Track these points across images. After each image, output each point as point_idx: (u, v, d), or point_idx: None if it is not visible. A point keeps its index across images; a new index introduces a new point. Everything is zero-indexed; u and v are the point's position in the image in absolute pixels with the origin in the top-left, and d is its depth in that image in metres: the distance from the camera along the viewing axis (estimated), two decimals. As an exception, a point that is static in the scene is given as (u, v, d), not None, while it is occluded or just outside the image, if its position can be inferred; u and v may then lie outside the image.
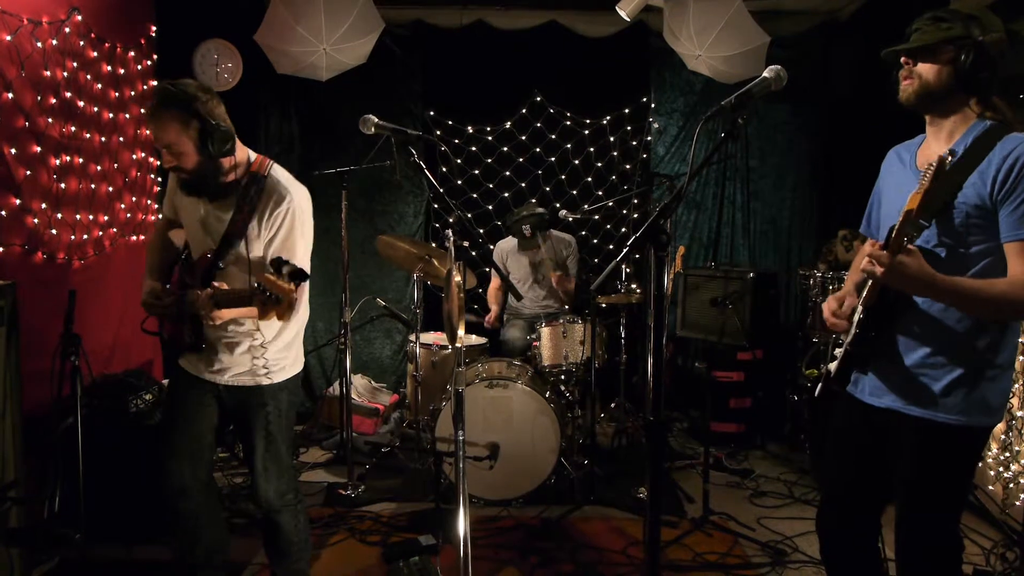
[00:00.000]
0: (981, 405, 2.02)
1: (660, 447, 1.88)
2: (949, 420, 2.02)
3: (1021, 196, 1.92)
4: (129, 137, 4.40)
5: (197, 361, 2.64)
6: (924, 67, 2.04)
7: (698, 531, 3.75)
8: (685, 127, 5.96)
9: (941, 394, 2.03)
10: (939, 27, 2.02)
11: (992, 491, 3.87)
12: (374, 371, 5.94)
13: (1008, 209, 1.93)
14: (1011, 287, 1.91)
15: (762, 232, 6.04)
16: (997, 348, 2.03)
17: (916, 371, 2.08)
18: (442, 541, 3.37)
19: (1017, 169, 1.92)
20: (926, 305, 2.06)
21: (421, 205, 5.94)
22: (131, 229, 4.46)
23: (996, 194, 1.95)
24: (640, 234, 1.83)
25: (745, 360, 5.07)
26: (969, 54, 1.98)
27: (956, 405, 2.02)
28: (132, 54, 4.43)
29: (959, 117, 2.08)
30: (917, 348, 2.08)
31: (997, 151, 1.96)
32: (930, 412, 2.05)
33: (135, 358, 4.51)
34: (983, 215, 1.97)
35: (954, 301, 1.97)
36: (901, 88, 2.09)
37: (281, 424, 2.67)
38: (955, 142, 2.06)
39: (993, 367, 2.02)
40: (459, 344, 2.32)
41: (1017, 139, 1.96)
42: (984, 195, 1.96)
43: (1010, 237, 1.94)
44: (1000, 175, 1.94)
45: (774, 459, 4.93)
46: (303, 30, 4.56)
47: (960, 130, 2.07)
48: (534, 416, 3.99)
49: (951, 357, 2.03)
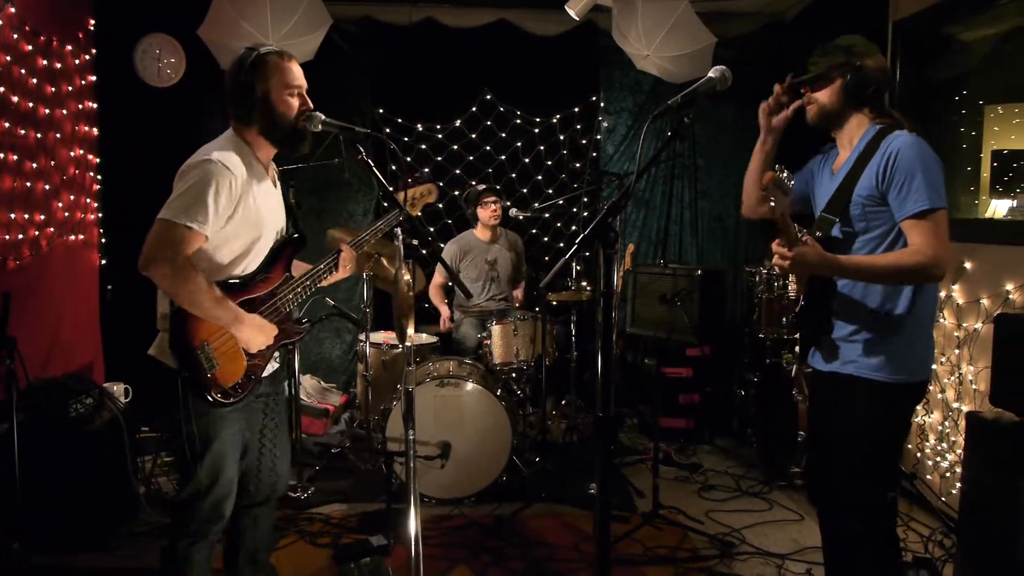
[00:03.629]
0: (896, 363, 2.32)
1: (610, 443, 1.92)
2: (872, 376, 2.34)
3: (899, 182, 2.26)
4: (67, 133, 4.28)
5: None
6: (820, 94, 2.43)
7: (648, 525, 3.79)
8: (634, 126, 6.02)
9: (863, 355, 2.36)
10: (827, 58, 2.41)
11: (930, 480, 3.99)
12: (323, 371, 5.87)
13: (893, 194, 2.28)
14: (900, 256, 2.27)
15: (710, 230, 6.13)
16: (906, 314, 2.32)
17: (845, 338, 2.41)
18: (393, 541, 3.36)
19: (893, 160, 2.27)
20: (846, 288, 2.40)
21: (370, 204, 5.89)
22: (69, 229, 4.34)
23: (881, 184, 2.29)
24: (588, 232, 1.86)
25: (694, 356, 5.14)
26: (852, 76, 2.37)
27: (875, 364, 2.34)
28: (69, 48, 4.30)
29: (854, 127, 2.44)
30: (843, 320, 2.42)
31: (879, 150, 2.32)
32: (855, 370, 2.38)
33: (75, 361, 4.39)
34: (876, 203, 2.32)
35: (854, 275, 2.34)
36: (807, 114, 2.49)
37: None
38: (854, 147, 2.43)
39: (904, 330, 2.33)
40: (409, 343, 2.31)
41: (895, 136, 2.32)
42: (873, 186, 2.31)
43: (900, 216, 2.27)
44: (881, 168, 2.29)
45: (722, 453, 5.02)
46: (248, 25, 4.47)
47: (857, 136, 2.43)
48: (485, 414, 3.99)
49: (868, 325, 2.36)
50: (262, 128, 2.39)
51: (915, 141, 2.29)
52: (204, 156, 2.27)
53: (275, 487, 2.69)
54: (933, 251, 2.21)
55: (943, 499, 3.85)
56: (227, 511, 2.46)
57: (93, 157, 4.68)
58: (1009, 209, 3.80)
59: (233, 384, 2.37)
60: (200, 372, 2.30)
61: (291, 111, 2.38)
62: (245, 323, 2.33)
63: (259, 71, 2.34)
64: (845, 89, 2.39)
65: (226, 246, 2.34)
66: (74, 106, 4.36)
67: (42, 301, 4.05)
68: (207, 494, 2.38)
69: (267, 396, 2.62)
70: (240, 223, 2.33)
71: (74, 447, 3.45)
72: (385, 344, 4.65)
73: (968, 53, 4.15)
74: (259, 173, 2.42)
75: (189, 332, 2.28)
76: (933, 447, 4.01)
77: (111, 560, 3.34)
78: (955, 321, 3.86)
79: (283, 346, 2.53)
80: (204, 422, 2.35)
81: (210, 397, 2.32)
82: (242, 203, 2.31)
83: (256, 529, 2.68)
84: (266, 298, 2.44)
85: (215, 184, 2.22)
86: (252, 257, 2.42)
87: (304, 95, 2.43)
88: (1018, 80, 3.89)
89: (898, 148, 2.27)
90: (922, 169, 2.23)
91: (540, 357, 4.38)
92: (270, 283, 2.46)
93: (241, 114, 2.39)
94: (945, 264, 2.23)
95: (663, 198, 6.08)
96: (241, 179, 2.30)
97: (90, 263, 4.79)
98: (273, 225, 2.49)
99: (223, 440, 2.39)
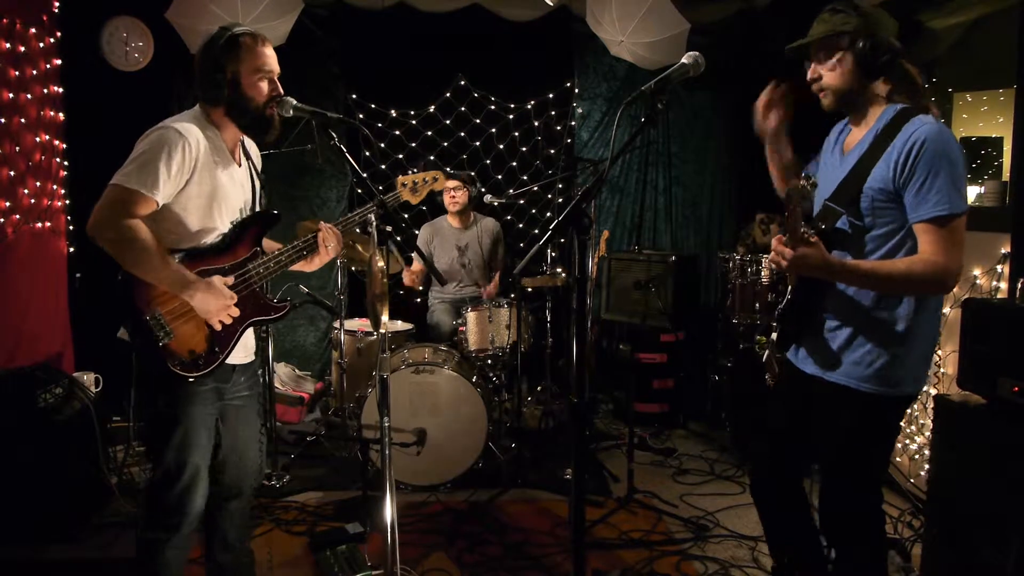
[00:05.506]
0: (889, 377, 2.16)
1: (585, 428, 1.92)
2: (861, 388, 2.18)
3: (920, 178, 2.02)
4: (32, 118, 4.19)
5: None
6: (828, 77, 2.19)
7: (623, 510, 3.82)
8: (608, 112, 6.02)
9: (853, 364, 2.20)
10: (836, 18, 2.15)
11: (899, 462, 4.06)
12: (298, 359, 5.83)
13: (911, 192, 2.05)
14: (911, 264, 2.05)
15: (683, 216, 6.16)
16: (907, 327, 2.15)
17: (834, 344, 2.24)
18: (369, 528, 3.36)
19: (915, 152, 2.02)
20: (842, 286, 2.21)
21: (344, 190, 5.84)
22: (35, 216, 4.26)
23: (898, 178, 2.06)
24: (563, 218, 1.86)
25: (668, 342, 5.18)
26: (866, 41, 2.10)
27: (865, 375, 2.18)
28: (33, 31, 4.21)
29: (871, 106, 2.20)
30: (835, 324, 2.25)
31: (899, 137, 2.07)
32: (843, 379, 2.21)
33: (43, 351, 4.32)
34: (888, 198, 2.10)
35: (858, 282, 2.14)
36: (822, 102, 2.24)
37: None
38: (870, 127, 2.18)
39: (902, 344, 2.15)
40: (384, 330, 2.30)
41: (917, 123, 2.06)
42: (888, 179, 2.08)
43: (915, 218, 2.06)
44: (900, 160, 2.05)
45: (696, 438, 5.07)
46: (218, 8, 4.40)
47: (874, 116, 2.19)
48: (461, 401, 3.99)
49: (863, 330, 2.18)
50: (228, 111, 2.36)
51: (940, 131, 2.03)
52: (160, 124, 2.26)
53: (250, 480, 2.66)
54: (947, 262, 2.02)
55: (911, 480, 3.92)
56: (196, 501, 2.40)
57: (59, 143, 4.59)
58: (976, 196, 3.86)
59: (194, 356, 2.32)
60: (153, 341, 2.26)
61: (260, 96, 2.35)
62: (195, 286, 2.25)
63: (230, 52, 2.31)
64: (856, 56, 2.12)
65: (185, 217, 2.30)
66: (39, 90, 4.27)
67: (8, 290, 3.98)
68: (176, 479, 2.34)
69: (248, 391, 2.58)
70: (196, 194, 2.29)
71: (43, 438, 3.40)
72: (360, 331, 4.62)
73: (937, 40, 4.19)
74: (221, 149, 2.38)
75: (138, 299, 2.25)
76: (902, 429, 4.07)
77: (82, 551, 3.30)
78: (924, 306, 3.90)
79: (258, 323, 2.48)
80: (170, 398, 2.32)
81: (172, 368, 2.28)
82: (198, 173, 2.27)
83: (231, 520, 2.65)
84: (229, 271, 2.38)
85: (167, 150, 2.19)
86: (211, 231, 2.38)
87: (275, 80, 2.39)
88: (986, 68, 3.94)
89: (923, 138, 2.02)
90: (948, 166, 2.00)
91: (515, 344, 4.38)
92: (235, 256, 2.40)
93: (208, 95, 2.35)
94: (958, 275, 2.05)
95: (637, 184, 6.09)
96: (198, 149, 2.26)
97: (58, 251, 4.70)
98: (235, 202, 2.45)
99: (191, 419, 2.34)
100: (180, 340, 2.30)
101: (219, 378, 2.41)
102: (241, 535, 2.73)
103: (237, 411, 2.55)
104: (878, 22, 2.13)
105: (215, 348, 2.36)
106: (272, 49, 2.39)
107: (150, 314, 2.26)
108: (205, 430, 2.40)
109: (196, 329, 2.33)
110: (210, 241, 2.38)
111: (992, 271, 3.44)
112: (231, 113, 2.36)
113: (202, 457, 2.41)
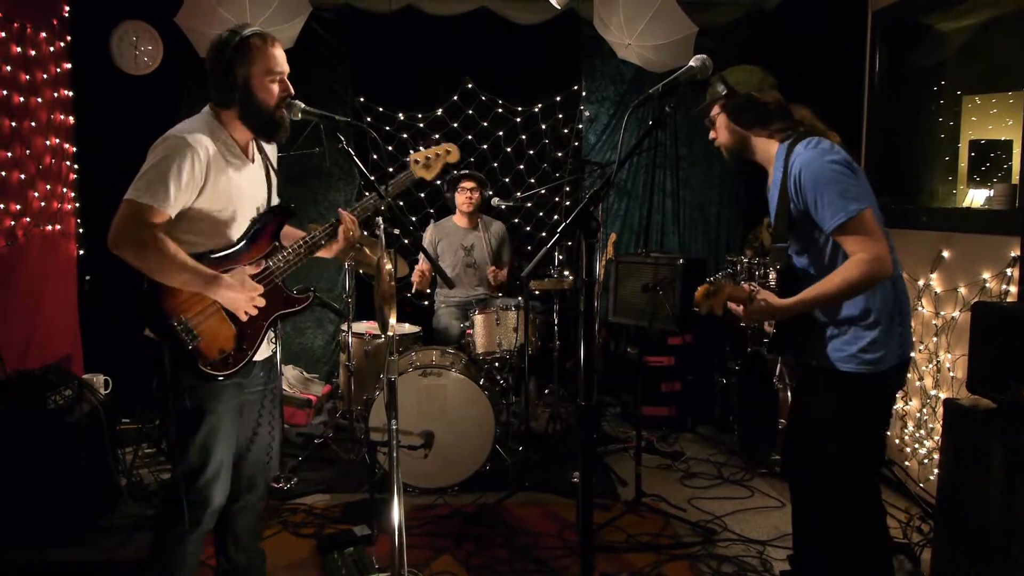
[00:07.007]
0: (859, 356, 2.42)
1: (593, 432, 1.92)
2: (840, 367, 2.45)
3: (812, 201, 2.33)
4: (42, 122, 4.21)
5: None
6: (718, 137, 2.59)
7: (631, 513, 3.81)
8: (616, 115, 6.01)
9: (832, 349, 2.48)
10: (710, 90, 2.52)
11: (908, 467, 4.04)
12: (306, 361, 5.84)
13: (813, 213, 2.35)
14: (846, 272, 2.30)
15: (691, 219, 6.15)
16: (866, 313, 2.41)
17: (817, 336, 2.53)
18: (377, 531, 3.36)
19: (798, 183, 2.36)
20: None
21: (352, 193, 5.85)
22: (46, 219, 4.28)
23: (800, 204, 2.38)
24: (570, 221, 1.87)
25: (675, 345, 5.17)
26: (729, 102, 2.47)
27: (842, 356, 2.45)
28: (44, 35, 4.24)
29: (763, 149, 2.55)
30: (815, 321, 2.54)
31: (790, 170, 2.39)
32: (826, 362, 2.49)
33: (54, 353, 4.34)
34: (805, 218, 2.41)
35: (811, 308, 2.44)
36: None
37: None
38: (775, 168, 2.52)
39: (865, 327, 2.42)
40: (391, 333, 2.31)
41: (795, 155, 2.39)
42: (798, 204, 2.40)
43: (828, 231, 2.33)
44: (792, 191, 2.39)
45: (704, 441, 5.05)
46: (226, 13, 4.42)
47: (774, 156, 2.53)
48: (468, 403, 3.99)
49: (835, 324, 2.47)
50: (240, 113, 2.38)
51: (811, 156, 2.34)
52: (169, 133, 2.27)
53: (266, 477, 2.70)
54: (870, 253, 2.26)
55: (921, 485, 3.91)
56: (216, 496, 2.44)
57: (69, 146, 4.61)
58: (986, 198, 3.84)
59: (223, 355, 2.36)
60: (182, 346, 2.29)
61: (271, 98, 2.37)
62: (221, 283, 2.29)
63: (241, 55, 2.32)
64: (730, 120, 2.51)
65: (203, 221, 2.33)
66: (49, 94, 4.29)
67: (19, 293, 4.00)
68: (200, 473, 2.37)
69: (263, 386, 2.62)
70: (212, 199, 2.32)
71: (53, 440, 3.42)
72: (368, 334, 4.63)
73: (946, 43, 4.18)
74: (234, 150, 2.40)
75: (163, 308, 2.28)
76: (911, 434, 4.06)
77: (91, 553, 3.31)
78: (933, 309, 3.90)
79: (284, 315, 2.52)
80: (197, 396, 2.35)
81: (203, 369, 2.31)
82: (212, 178, 2.29)
83: (245, 518, 2.67)
84: (252, 266, 2.41)
85: (177, 162, 2.21)
86: (232, 231, 2.41)
87: (286, 81, 2.41)
88: (995, 70, 3.92)
89: (799, 170, 2.35)
90: (826, 184, 2.30)
91: (523, 346, 4.38)
92: (256, 252, 2.44)
93: (220, 96, 2.37)
94: (886, 257, 2.28)
95: (645, 187, 6.09)
96: (207, 157, 2.28)
97: (68, 253, 4.73)
98: (252, 200, 2.48)
99: (218, 415, 2.38)
100: (208, 342, 2.34)
101: (242, 373, 2.44)
102: (254, 534, 2.74)
103: (253, 404, 2.59)
104: (738, 82, 2.46)
105: (243, 346, 2.40)
106: (282, 50, 2.41)
107: (177, 320, 2.29)
108: (230, 424, 2.44)
109: (223, 329, 2.36)
110: (230, 241, 2.41)
111: (1002, 274, 3.43)
112: (242, 115, 2.38)
113: (225, 452, 2.44)
